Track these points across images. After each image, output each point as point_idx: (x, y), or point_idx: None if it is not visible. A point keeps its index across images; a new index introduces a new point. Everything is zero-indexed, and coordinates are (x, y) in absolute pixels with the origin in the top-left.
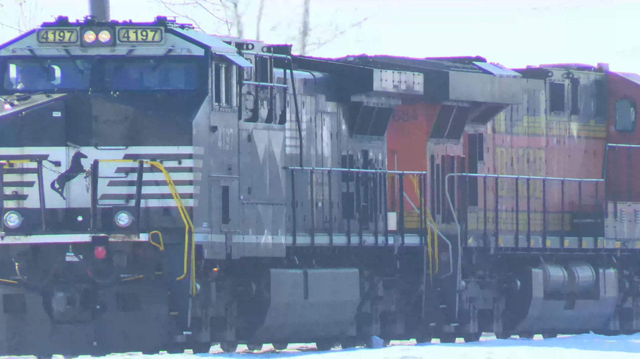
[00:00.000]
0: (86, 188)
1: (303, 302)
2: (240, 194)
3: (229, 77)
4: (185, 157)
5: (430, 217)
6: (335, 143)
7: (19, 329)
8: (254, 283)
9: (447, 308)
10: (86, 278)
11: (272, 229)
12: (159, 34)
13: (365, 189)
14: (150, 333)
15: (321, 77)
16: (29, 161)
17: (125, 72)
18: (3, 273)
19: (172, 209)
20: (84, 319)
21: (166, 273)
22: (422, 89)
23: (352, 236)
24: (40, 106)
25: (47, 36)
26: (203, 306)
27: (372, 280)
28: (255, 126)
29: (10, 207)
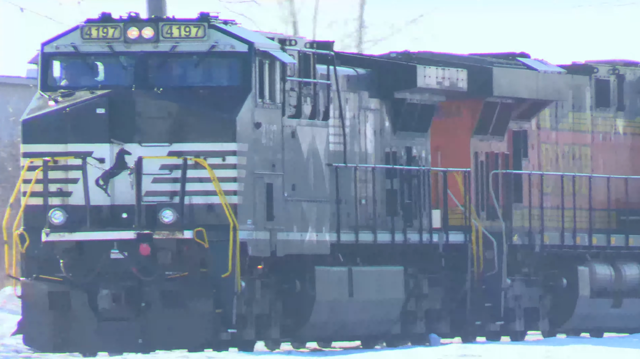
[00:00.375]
0: (130, 185)
1: (348, 300)
2: (285, 191)
3: (272, 74)
4: (229, 154)
5: (474, 215)
6: (378, 140)
7: (64, 326)
8: (299, 280)
9: (492, 306)
10: (131, 275)
11: (316, 226)
12: (202, 29)
13: (409, 187)
14: (195, 331)
15: (364, 73)
16: (73, 158)
17: (169, 68)
18: (48, 270)
19: (216, 206)
20: (128, 316)
21: (211, 270)
22: (466, 86)
23: (397, 234)
24: (84, 103)
25: (91, 32)
26: (248, 304)
27: (416, 278)
28: (298, 123)
29: (55, 204)
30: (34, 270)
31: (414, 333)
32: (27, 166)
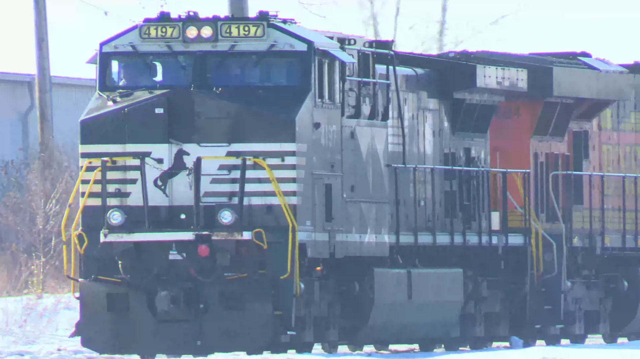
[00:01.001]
0: (189, 186)
1: (407, 302)
2: (343, 192)
3: (331, 73)
4: (288, 154)
5: (534, 217)
6: (437, 141)
7: (122, 328)
8: (357, 282)
9: (552, 309)
10: (189, 276)
11: (375, 227)
12: (261, 29)
13: (467, 188)
14: (254, 333)
15: (423, 73)
16: (131, 158)
17: (228, 68)
18: (106, 271)
19: (275, 207)
20: (187, 318)
21: (270, 271)
22: (526, 86)
23: (456, 235)
24: (142, 103)
25: (149, 32)
26: (306, 306)
27: (475, 280)
28: (358, 123)
29: (113, 204)
30: (92, 271)
31: (473, 337)
32: (86, 167)
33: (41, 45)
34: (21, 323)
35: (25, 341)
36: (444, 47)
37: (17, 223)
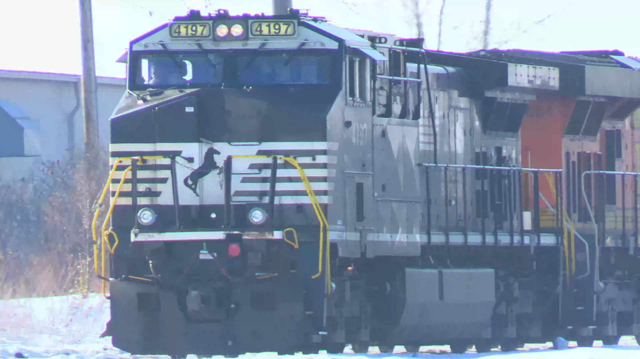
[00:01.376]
0: (219, 185)
1: (438, 303)
2: (374, 191)
3: (362, 71)
4: (320, 153)
5: (566, 217)
6: (468, 140)
7: (153, 328)
8: (389, 282)
9: (584, 310)
10: (220, 276)
11: (407, 227)
12: (291, 27)
13: (499, 187)
14: (285, 333)
15: (454, 72)
16: (162, 157)
17: (258, 66)
18: (137, 271)
19: (306, 206)
20: (218, 318)
21: (301, 271)
22: (558, 84)
23: (487, 235)
24: (173, 101)
25: (180, 30)
26: (337, 306)
27: (507, 281)
28: (389, 122)
29: (143, 204)
30: (122, 271)
31: (504, 338)
32: (116, 166)
33: (87, 46)
34: (67, 322)
35: (71, 341)
36: (488, 47)
37: (63, 223)
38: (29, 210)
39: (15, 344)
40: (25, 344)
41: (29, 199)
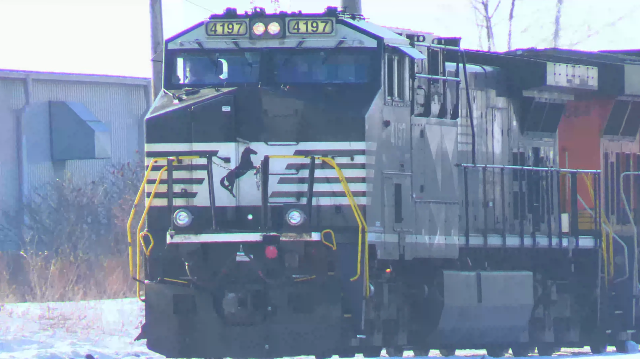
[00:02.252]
0: (256, 185)
1: (476, 306)
2: (413, 192)
3: (401, 70)
4: (358, 153)
5: (604, 219)
6: (506, 140)
7: (189, 330)
8: (426, 285)
9: (622, 314)
10: (257, 278)
11: (445, 229)
12: (329, 25)
13: (537, 189)
14: (323, 336)
15: (491, 71)
16: (198, 158)
17: (295, 64)
18: (173, 273)
19: (344, 207)
20: (255, 321)
21: (339, 273)
22: (596, 84)
23: (525, 237)
24: (209, 101)
25: (216, 28)
26: (376, 309)
27: (545, 284)
28: (427, 121)
29: (179, 205)
30: (158, 273)
31: (542, 342)
32: (152, 166)
33: (157, 49)
34: (137, 324)
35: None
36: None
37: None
38: (100, 212)
39: (86, 345)
40: (95, 346)
41: (100, 201)
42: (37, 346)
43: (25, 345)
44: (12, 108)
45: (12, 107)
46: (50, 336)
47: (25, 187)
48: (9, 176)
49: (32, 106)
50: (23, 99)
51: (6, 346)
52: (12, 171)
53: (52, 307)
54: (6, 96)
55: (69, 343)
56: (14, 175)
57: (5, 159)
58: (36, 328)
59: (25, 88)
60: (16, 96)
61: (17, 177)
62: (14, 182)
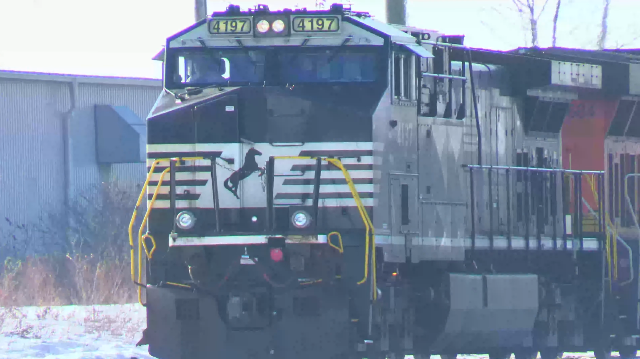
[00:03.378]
0: (261, 187)
1: (482, 309)
2: (419, 194)
3: (408, 69)
4: (365, 154)
5: (608, 221)
6: (509, 140)
7: (192, 335)
8: (432, 288)
9: (627, 318)
10: (262, 281)
11: (451, 231)
12: (335, 22)
13: (541, 190)
14: (330, 341)
15: (495, 69)
16: (201, 158)
17: (301, 63)
18: (175, 277)
19: (350, 208)
20: (260, 325)
21: (346, 277)
22: (600, 83)
23: (530, 239)
24: (212, 100)
25: (219, 26)
26: (382, 313)
27: (549, 287)
28: (434, 121)
29: (182, 207)
30: (160, 276)
31: (545, 346)
32: (154, 167)
33: None
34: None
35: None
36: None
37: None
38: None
39: (130, 348)
40: (140, 349)
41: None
42: (82, 349)
43: (70, 348)
44: (58, 112)
45: (58, 110)
46: (95, 339)
47: (71, 190)
48: (55, 179)
49: (78, 109)
50: (69, 103)
51: (52, 349)
52: (58, 174)
53: (98, 310)
54: (52, 100)
55: (114, 345)
56: (59, 178)
57: (51, 162)
58: (81, 331)
59: (71, 92)
60: (62, 100)
61: (63, 181)
62: (59, 185)
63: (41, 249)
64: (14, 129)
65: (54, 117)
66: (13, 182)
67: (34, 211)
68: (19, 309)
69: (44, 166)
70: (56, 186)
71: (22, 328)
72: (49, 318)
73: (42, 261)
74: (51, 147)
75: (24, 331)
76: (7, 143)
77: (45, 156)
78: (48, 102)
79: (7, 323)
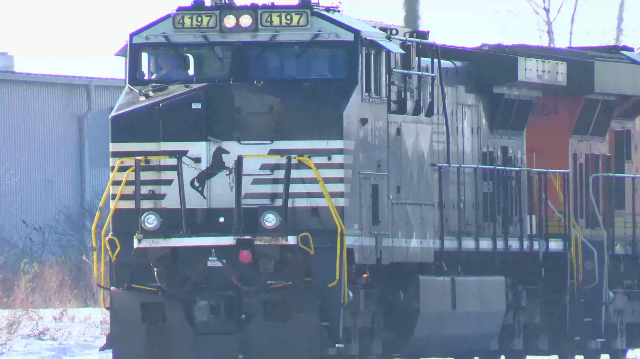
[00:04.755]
0: (229, 187)
1: (451, 312)
2: (390, 193)
3: (378, 65)
4: (336, 152)
5: (574, 222)
6: (475, 139)
7: (158, 340)
8: (402, 290)
9: (592, 322)
10: (230, 284)
11: (421, 231)
12: (304, 17)
13: (507, 190)
14: (300, 346)
15: (461, 66)
16: (167, 157)
17: (269, 59)
18: (140, 280)
19: (321, 209)
20: (228, 329)
21: (317, 279)
22: (565, 80)
23: (498, 240)
24: (178, 98)
25: (184, 21)
26: (352, 316)
27: (515, 289)
28: (403, 119)
29: (147, 207)
30: (124, 279)
31: (510, 349)
32: (118, 167)
33: None
34: None
35: None
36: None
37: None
38: None
39: None
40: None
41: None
42: (98, 351)
43: (86, 350)
44: (74, 114)
45: (75, 113)
46: None
47: (87, 192)
48: (71, 182)
49: (94, 112)
50: (85, 105)
51: (68, 351)
52: (74, 177)
53: None
54: (69, 102)
55: None
56: (76, 180)
57: (67, 164)
58: (98, 333)
59: (88, 94)
60: (78, 102)
61: (80, 183)
62: (76, 187)
63: (58, 251)
64: (30, 131)
65: (71, 119)
66: (30, 185)
67: (50, 213)
68: (36, 311)
69: (61, 168)
70: (72, 188)
71: (38, 330)
72: (65, 320)
73: (59, 263)
74: (67, 150)
75: (41, 333)
76: (24, 146)
77: (61, 158)
78: (64, 104)
79: (23, 325)
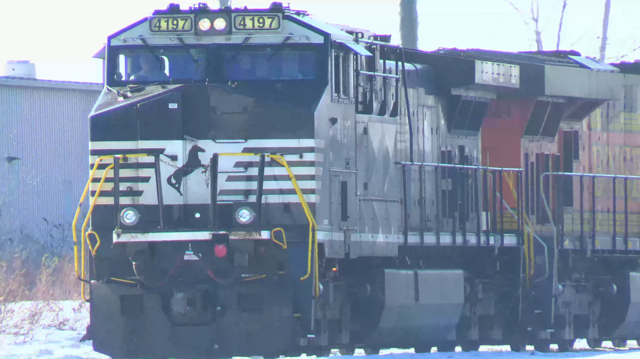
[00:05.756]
0: (205, 183)
1: (414, 304)
2: (357, 190)
3: (346, 67)
4: (307, 150)
5: (526, 218)
6: (435, 138)
7: (136, 331)
8: (369, 283)
9: (542, 313)
10: (206, 277)
11: (386, 227)
12: (276, 21)
13: (465, 187)
14: (273, 336)
15: (421, 69)
16: (145, 155)
17: (242, 61)
18: (119, 273)
19: (293, 205)
20: (204, 321)
21: (289, 272)
22: (518, 82)
23: (457, 235)
24: (155, 98)
25: (160, 24)
26: (322, 308)
27: (472, 282)
28: (370, 119)
29: (125, 203)
30: (104, 273)
31: (467, 340)
32: (97, 164)
33: None
34: None
35: None
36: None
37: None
38: None
39: None
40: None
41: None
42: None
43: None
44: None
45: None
46: None
47: None
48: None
49: None
50: None
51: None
52: None
53: None
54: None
55: None
56: None
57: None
58: None
59: None
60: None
61: None
62: None
63: None
64: (51, 136)
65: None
66: (50, 186)
67: (70, 212)
68: (56, 303)
69: (79, 170)
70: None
71: (59, 321)
72: (83, 311)
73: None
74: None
75: (61, 323)
76: (45, 150)
77: (80, 160)
78: (82, 109)
79: (45, 316)
